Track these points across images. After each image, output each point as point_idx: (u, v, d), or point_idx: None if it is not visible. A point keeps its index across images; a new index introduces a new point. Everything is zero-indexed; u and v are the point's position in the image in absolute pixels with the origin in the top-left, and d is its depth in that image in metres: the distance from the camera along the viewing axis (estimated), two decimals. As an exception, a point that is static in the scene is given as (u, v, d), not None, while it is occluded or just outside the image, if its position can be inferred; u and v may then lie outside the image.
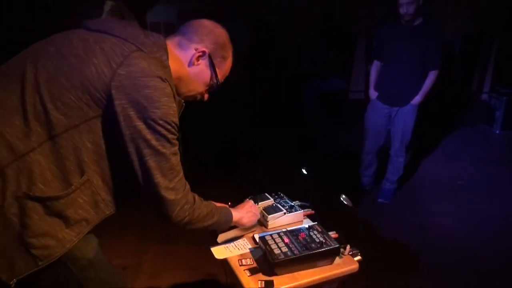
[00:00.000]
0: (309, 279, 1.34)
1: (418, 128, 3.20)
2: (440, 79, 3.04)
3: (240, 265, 1.41)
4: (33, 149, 1.03)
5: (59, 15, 4.49)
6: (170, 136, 1.10)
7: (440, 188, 3.62)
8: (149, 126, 1.06)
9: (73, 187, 1.08)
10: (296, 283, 1.33)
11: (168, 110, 1.08)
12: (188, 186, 1.22)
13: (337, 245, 1.38)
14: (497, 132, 5.08)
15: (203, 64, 1.25)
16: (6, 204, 1.01)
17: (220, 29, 1.28)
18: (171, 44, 1.23)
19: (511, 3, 5.44)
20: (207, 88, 1.31)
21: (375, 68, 3.25)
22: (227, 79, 1.37)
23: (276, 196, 1.77)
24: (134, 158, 1.09)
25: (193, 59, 1.23)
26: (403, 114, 3.11)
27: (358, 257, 1.46)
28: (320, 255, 1.36)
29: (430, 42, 2.94)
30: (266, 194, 1.77)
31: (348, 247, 1.46)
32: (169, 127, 1.09)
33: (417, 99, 3.04)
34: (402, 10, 2.87)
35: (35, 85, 1.05)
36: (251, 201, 1.60)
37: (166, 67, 1.15)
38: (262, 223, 1.66)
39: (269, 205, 1.70)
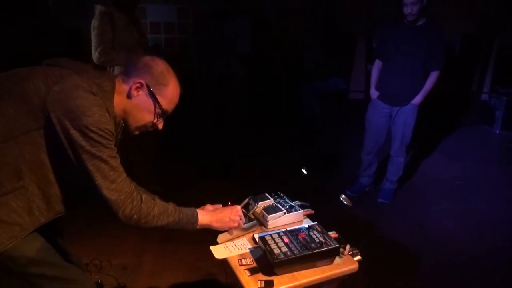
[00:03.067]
0: (309, 279, 1.35)
1: (418, 128, 3.20)
2: (440, 79, 3.04)
3: (240, 265, 1.41)
4: None
5: (59, 16, 4.49)
6: (104, 141, 1.18)
7: (440, 188, 3.62)
8: (83, 134, 1.15)
9: (4, 189, 1.15)
10: (296, 283, 1.33)
11: (100, 118, 1.17)
12: (133, 187, 1.29)
13: (337, 245, 1.39)
14: (497, 132, 5.08)
15: (143, 95, 1.32)
16: None
17: (156, 61, 1.36)
18: (117, 81, 1.31)
19: (511, 3, 5.44)
20: (155, 116, 1.36)
21: (376, 67, 3.25)
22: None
23: (276, 196, 1.78)
24: (75, 164, 1.18)
25: (132, 91, 1.31)
26: (404, 114, 3.11)
27: (358, 257, 1.46)
28: (320, 255, 1.37)
29: (434, 43, 2.94)
30: (266, 194, 1.77)
31: (348, 247, 1.46)
32: (102, 133, 1.17)
33: (417, 99, 3.04)
34: (406, 10, 2.87)
35: None
36: (237, 207, 1.57)
37: (106, 91, 1.25)
38: (262, 223, 1.66)
39: (269, 205, 1.70)
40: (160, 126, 1.40)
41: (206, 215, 1.46)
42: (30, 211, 1.21)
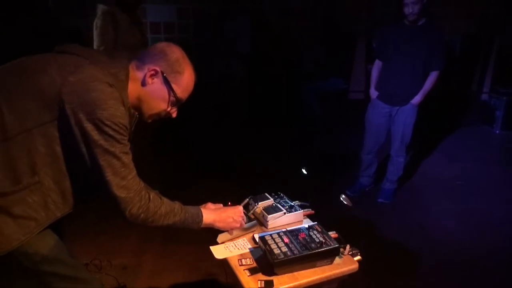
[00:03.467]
0: (309, 279, 1.35)
1: (418, 128, 3.20)
2: (440, 79, 3.04)
3: (240, 265, 1.41)
4: None
5: (59, 16, 4.49)
6: (118, 136, 1.16)
7: (440, 188, 3.62)
8: (97, 127, 1.12)
9: (21, 185, 1.13)
10: (296, 283, 1.33)
11: (115, 112, 1.14)
12: (142, 184, 1.27)
13: (337, 245, 1.39)
14: (497, 132, 5.08)
15: (157, 82, 1.29)
16: None
17: (172, 47, 1.33)
18: (131, 67, 1.29)
19: (511, 3, 5.44)
20: (168, 104, 1.34)
21: (376, 67, 3.25)
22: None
23: (276, 196, 1.77)
24: (87, 158, 1.16)
25: (147, 78, 1.28)
26: (404, 113, 3.11)
27: (358, 257, 1.46)
28: (320, 255, 1.37)
29: (434, 43, 2.94)
30: (266, 194, 1.77)
31: (348, 247, 1.46)
32: (116, 127, 1.15)
33: (417, 98, 3.04)
34: (407, 10, 2.87)
35: None
36: (239, 207, 1.57)
37: (121, 81, 1.22)
38: (262, 223, 1.66)
39: (269, 205, 1.70)
40: (174, 114, 1.38)
41: (210, 215, 1.45)
42: (46, 206, 1.19)
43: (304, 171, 1.96)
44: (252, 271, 1.38)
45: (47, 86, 1.12)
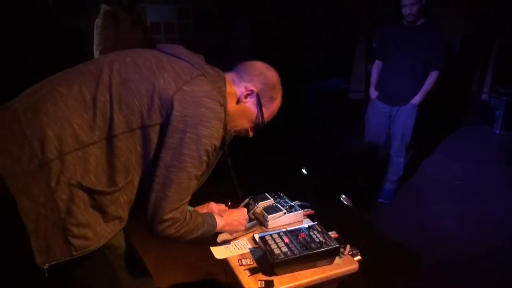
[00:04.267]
0: (309, 279, 1.35)
1: (418, 128, 3.20)
2: (440, 79, 3.04)
3: (240, 265, 1.41)
4: (94, 142, 1.09)
5: (59, 16, 4.49)
6: (204, 158, 1.16)
7: (440, 188, 3.62)
8: (191, 141, 1.12)
9: (120, 185, 1.13)
10: (296, 283, 1.33)
11: (214, 133, 1.15)
12: (186, 208, 1.24)
13: (337, 245, 1.39)
14: (497, 132, 5.08)
15: (250, 103, 1.32)
16: (58, 189, 1.05)
17: (271, 72, 1.35)
18: (227, 81, 1.29)
19: (511, 3, 5.45)
20: (252, 125, 1.37)
21: (376, 67, 3.26)
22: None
23: (276, 196, 1.78)
24: (162, 165, 1.14)
25: (242, 97, 1.30)
26: (403, 114, 3.11)
27: (358, 257, 1.46)
28: (320, 255, 1.37)
29: (434, 43, 2.94)
30: (266, 194, 1.77)
31: (348, 247, 1.46)
32: (208, 148, 1.15)
33: (416, 99, 3.04)
34: (405, 11, 2.87)
35: (108, 86, 1.13)
36: (244, 210, 1.56)
37: (224, 97, 1.23)
38: (262, 223, 1.66)
39: (269, 205, 1.70)
40: (251, 134, 1.41)
41: (221, 221, 1.43)
42: (130, 205, 1.20)
43: (304, 171, 1.96)
44: (252, 271, 1.38)
45: (162, 90, 1.13)
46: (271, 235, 1.45)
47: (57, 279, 1.12)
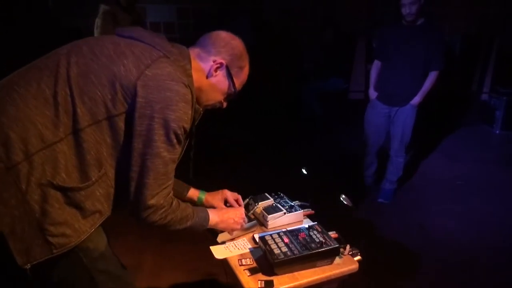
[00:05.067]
0: (309, 279, 1.35)
1: (418, 128, 3.20)
2: (440, 79, 3.04)
3: (240, 265, 1.41)
4: (60, 139, 1.07)
5: (59, 16, 4.49)
6: (175, 141, 1.14)
7: (440, 188, 3.62)
8: (160, 127, 1.10)
9: (93, 179, 1.12)
10: (296, 283, 1.33)
11: (183, 116, 1.13)
12: (171, 194, 1.24)
13: (337, 245, 1.38)
14: (497, 132, 5.08)
15: (221, 75, 1.30)
16: (29, 190, 1.04)
17: (237, 41, 1.33)
18: (192, 56, 1.27)
19: (511, 3, 5.45)
20: (225, 96, 1.36)
21: (375, 68, 3.25)
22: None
23: (276, 196, 1.77)
24: (135, 154, 1.12)
25: (212, 71, 1.28)
26: (403, 114, 3.11)
27: (358, 257, 1.46)
28: (320, 255, 1.37)
29: (434, 42, 2.94)
30: (266, 194, 1.77)
31: (348, 247, 1.46)
32: (178, 132, 1.13)
33: (416, 99, 3.04)
34: (405, 11, 2.87)
35: (66, 79, 1.10)
36: (241, 209, 1.57)
37: (189, 76, 1.21)
38: (262, 223, 1.66)
39: (269, 205, 1.70)
40: (225, 105, 1.40)
41: (215, 217, 1.43)
42: (108, 197, 1.18)
43: (304, 171, 1.96)
44: (252, 271, 1.38)
45: (123, 77, 1.10)
46: (271, 235, 1.45)
47: (41, 278, 1.12)
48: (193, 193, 1.67)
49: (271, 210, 1.66)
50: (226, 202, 1.66)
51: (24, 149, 1.03)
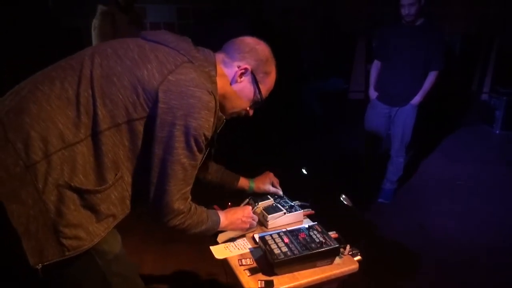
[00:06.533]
0: (309, 279, 1.35)
1: (418, 128, 3.20)
2: (440, 79, 3.04)
3: (240, 265, 1.41)
4: (80, 140, 1.07)
5: (59, 16, 4.49)
6: (196, 149, 1.13)
7: (440, 188, 3.62)
8: (181, 134, 1.09)
9: (110, 183, 1.11)
10: (296, 283, 1.33)
11: (204, 124, 1.11)
12: (190, 198, 1.23)
13: (337, 245, 1.38)
14: (497, 132, 5.08)
15: (246, 81, 1.29)
16: (46, 190, 1.03)
17: (262, 45, 1.32)
18: (218, 61, 1.25)
19: (511, 3, 5.44)
20: (251, 104, 1.34)
21: (375, 68, 3.26)
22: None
23: (276, 196, 1.78)
24: (156, 159, 1.12)
25: (236, 77, 1.26)
26: (403, 114, 3.11)
27: (358, 257, 1.46)
28: (320, 255, 1.37)
29: (434, 42, 2.94)
30: (267, 195, 1.77)
31: (348, 247, 1.46)
32: (199, 140, 1.12)
33: (416, 99, 3.04)
34: (404, 11, 2.88)
35: (89, 80, 1.09)
36: (248, 208, 1.57)
37: (214, 82, 1.19)
38: (262, 223, 1.66)
39: (269, 205, 1.70)
40: (251, 113, 1.37)
41: (224, 219, 1.43)
42: (123, 201, 1.16)
43: (304, 171, 1.96)
44: (252, 271, 1.38)
45: (146, 82, 1.09)
46: (271, 235, 1.45)
47: (51, 279, 1.11)
48: (244, 182, 1.72)
49: (271, 210, 1.66)
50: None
51: (43, 148, 1.03)
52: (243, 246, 1.53)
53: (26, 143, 1.01)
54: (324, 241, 1.39)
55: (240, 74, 1.26)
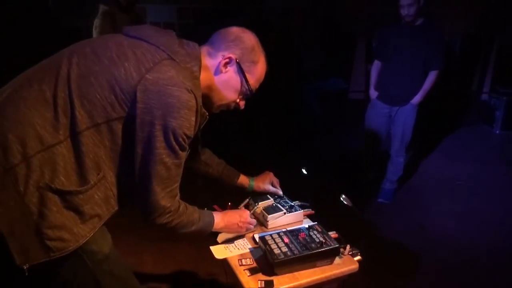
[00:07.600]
0: (309, 279, 1.35)
1: (418, 128, 3.20)
2: (440, 79, 3.04)
3: (240, 265, 1.41)
4: (59, 142, 1.06)
5: (59, 16, 4.49)
6: (177, 148, 1.12)
7: (440, 188, 3.62)
8: (161, 134, 1.08)
9: (91, 183, 1.10)
10: (296, 283, 1.33)
11: (185, 123, 1.09)
12: (178, 196, 1.23)
13: (337, 245, 1.38)
14: (497, 132, 5.08)
15: (231, 71, 1.24)
16: (27, 192, 1.03)
17: (248, 34, 1.28)
18: (203, 54, 1.23)
19: (511, 3, 5.44)
20: (240, 95, 1.30)
21: (375, 67, 3.26)
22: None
23: (276, 196, 1.78)
24: (138, 159, 1.11)
25: (220, 67, 1.23)
26: (403, 113, 3.11)
27: (358, 257, 1.46)
28: (320, 255, 1.37)
29: (434, 42, 2.94)
30: (266, 194, 1.77)
31: (348, 247, 1.46)
32: (180, 139, 1.10)
33: (416, 98, 3.04)
34: (403, 12, 2.88)
35: (66, 80, 1.08)
36: (246, 212, 1.55)
37: (196, 78, 1.17)
38: (262, 223, 1.66)
39: (269, 205, 1.70)
40: (242, 106, 1.34)
41: (219, 221, 1.42)
42: (107, 201, 1.16)
43: (304, 171, 1.96)
44: (252, 271, 1.38)
45: (123, 81, 1.07)
46: (271, 235, 1.45)
47: (41, 279, 1.12)
48: (244, 180, 1.72)
49: (271, 210, 1.66)
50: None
51: (22, 151, 1.02)
52: (243, 246, 1.53)
53: (4, 146, 1.01)
54: (324, 241, 1.39)
55: (225, 64, 1.22)
